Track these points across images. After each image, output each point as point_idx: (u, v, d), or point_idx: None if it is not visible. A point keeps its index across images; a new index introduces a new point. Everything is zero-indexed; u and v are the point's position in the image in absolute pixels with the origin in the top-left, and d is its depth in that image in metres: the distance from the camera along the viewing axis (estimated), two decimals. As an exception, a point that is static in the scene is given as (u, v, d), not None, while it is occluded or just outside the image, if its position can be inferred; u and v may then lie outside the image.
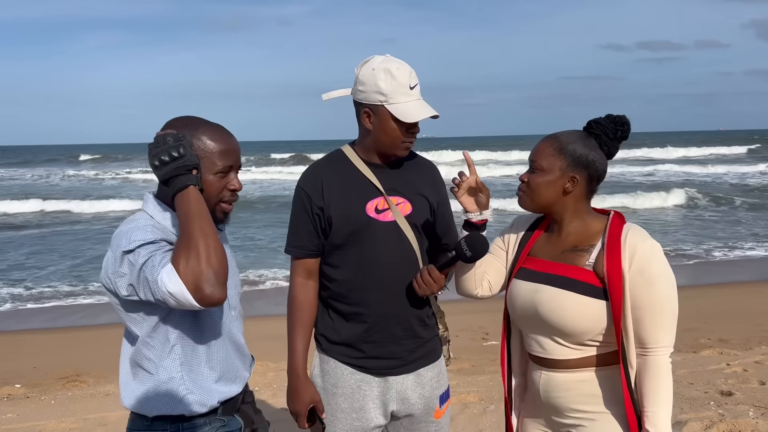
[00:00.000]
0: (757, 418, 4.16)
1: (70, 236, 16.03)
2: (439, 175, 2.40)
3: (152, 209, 1.85)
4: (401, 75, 2.11)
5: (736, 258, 11.46)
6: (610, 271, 1.87)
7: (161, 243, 1.72)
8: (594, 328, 1.90)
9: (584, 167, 1.96)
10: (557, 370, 1.98)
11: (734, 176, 29.10)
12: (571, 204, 1.99)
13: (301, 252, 2.25)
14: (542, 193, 1.98)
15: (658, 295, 1.86)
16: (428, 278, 2.12)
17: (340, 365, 2.26)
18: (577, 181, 1.96)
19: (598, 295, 1.89)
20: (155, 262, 1.65)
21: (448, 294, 2.29)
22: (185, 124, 1.82)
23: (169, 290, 1.61)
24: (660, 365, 1.86)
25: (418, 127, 2.18)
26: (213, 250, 1.64)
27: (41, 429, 4.70)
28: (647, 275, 1.85)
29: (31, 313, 8.93)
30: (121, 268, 1.70)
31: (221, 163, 1.82)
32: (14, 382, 6.09)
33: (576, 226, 2.00)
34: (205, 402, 1.84)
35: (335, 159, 2.29)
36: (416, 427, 2.30)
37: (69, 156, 61.48)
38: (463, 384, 5.23)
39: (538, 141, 2.06)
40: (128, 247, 1.69)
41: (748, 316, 7.47)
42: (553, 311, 1.92)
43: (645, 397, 1.87)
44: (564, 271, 1.96)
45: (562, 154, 1.96)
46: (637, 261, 1.86)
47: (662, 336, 1.87)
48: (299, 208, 2.25)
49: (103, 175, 37.69)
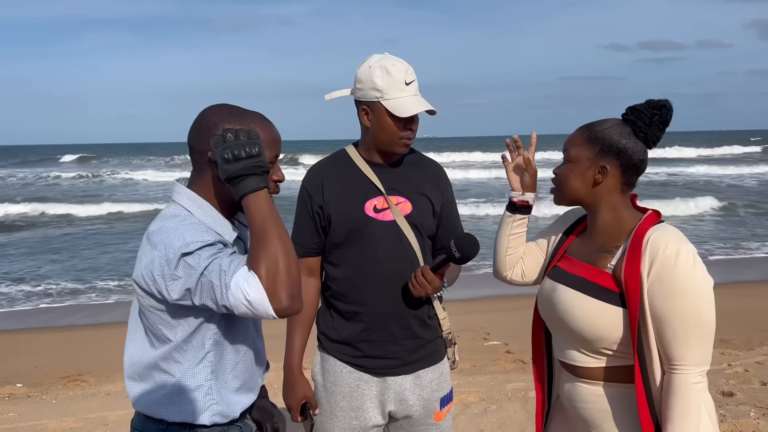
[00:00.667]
0: (758, 419, 4.16)
1: (69, 235, 16.06)
2: (445, 175, 2.39)
3: (188, 202, 1.72)
4: (396, 71, 2.13)
5: (738, 258, 11.47)
6: (627, 276, 1.71)
7: (219, 245, 1.63)
8: (609, 335, 1.76)
9: (615, 155, 1.80)
10: (579, 379, 1.87)
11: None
12: (603, 197, 1.84)
13: (302, 250, 2.27)
14: (571, 185, 1.86)
15: (682, 307, 1.66)
16: (422, 279, 2.13)
17: (339, 364, 2.27)
18: (608, 171, 1.81)
19: (613, 300, 1.75)
20: (223, 267, 1.56)
21: (449, 294, 2.29)
22: (228, 112, 1.72)
23: (249, 297, 1.52)
24: (684, 385, 1.67)
25: (416, 123, 2.18)
26: (293, 259, 1.57)
27: (42, 428, 4.71)
28: (668, 284, 1.66)
29: (33, 312, 8.93)
30: (176, 271, 1.58)
31: (270, 153, 1.73)
32: (15, 382, 6.10)
33: (607, 224, 1.84)
34: (228, 414, 1.78)
35: (338, 158, 2.31)
36: (415, 429, 2.29)
37: (70, 154, 61.41)
38: (463, 384, 5.23)
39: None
40: (187, 249, 1.58)
41: (749, 317, 7.46)
42: (567, 313, 1.82)
43: (666, 419, 1.68)
44: (584, 272, 1.84)
45: (591, 142, 1.83)
46: (657, 267, 1.67)
47: (687, 353, 1.67)
48: (301, 207, 2.28)
49: (99, 175, 37.54)
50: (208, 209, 1.72)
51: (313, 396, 2.28)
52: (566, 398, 1.94)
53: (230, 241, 1.71)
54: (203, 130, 1.69)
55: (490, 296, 8.42)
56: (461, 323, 6.95)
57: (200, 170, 1.73)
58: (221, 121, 1.69)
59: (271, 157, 1.73)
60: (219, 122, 1.69)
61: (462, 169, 33.07)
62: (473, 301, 8.21)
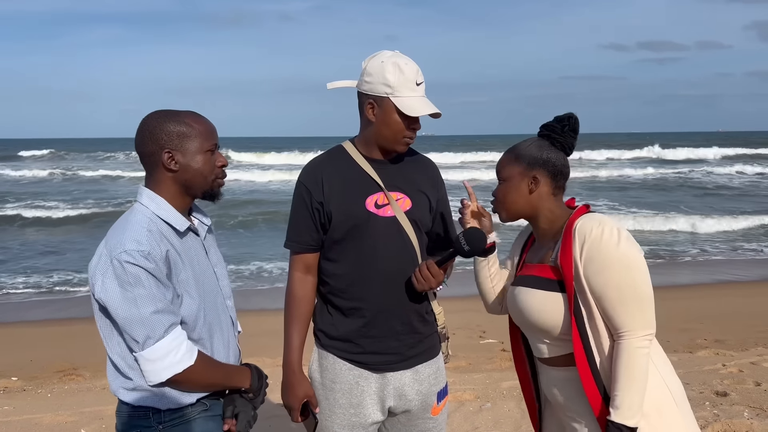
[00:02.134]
0: (752, 419, 4.17)
1: (63, 229, 16.03)
2: (439, 173, 2.41)
3: (146, 200, 1.95)
4: (409, 70, 2.14)
5: (733, 258, 11.50)
6: (562, 262, 1.90)
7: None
8: (558, 321, 1.92)
9: (541, 165, 2.03)
10: (553, 368, 2.03)
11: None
12: (540, 204, 2.04)
13: (300, 246, 2.26)
14: (511, 200, 2.05)
15: (614, 280, 1.81)
16: (427, 273, 2.14)
17: (338, 361, 2.27)
18: (539, 180, 2.03)
19: (553, 288, 1.93)
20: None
21: (446, 291, 2.30)
22: (164, 115, 1.94)
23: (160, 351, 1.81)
24: (628, 349, 1.81)
25: (419, 124, 2.19)
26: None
27: (38, 422, 4.70)
28: (598, 261, 1.83)
29: (29, 305, 8.92)
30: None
31: (208, 142, 1.96)
32: (11, 375, 6.09)
33: (547, 226, 2.05)
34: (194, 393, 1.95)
35: (335, 154, 2.30)
36: (413, 423, 2.30)
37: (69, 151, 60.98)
38: (459, 382, 5.24)
39: None
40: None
41: (744, 317, 7.49)
42: (525, 310, 1.98)
43: (613, 381, 1.82)
44: (533, 270, 2.03)
45: (518, 160, 2.05)
46: (587, 248, 1.85)
47: (628, 319, 1.81)
48: (299, 203, 2.26)
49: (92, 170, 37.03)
50: (162, 203, 1.94)
51: (314, 395, 2.27)
52: (547, 389, 2.08)
53: (181, 230, 1.95)
54: (145, 135, 1.93)
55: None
56: (457, 321, 6.95)
57: (151, 171, 1.96)
58: (159, 124, 1.92)
59: (210, 146, 1.96)
60: (158, 125, 1.92)
61: (459, 171, 31.71)
62: (469, 299, 8.21)
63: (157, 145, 1.91)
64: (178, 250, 1.92)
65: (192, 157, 1.93)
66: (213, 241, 2.15)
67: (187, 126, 1.93)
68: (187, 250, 1.97)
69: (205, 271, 2.02)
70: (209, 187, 1.99)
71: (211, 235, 2.15)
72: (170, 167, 1.93)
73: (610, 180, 28.38)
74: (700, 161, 39.10)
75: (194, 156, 1.94)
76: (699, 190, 24.31)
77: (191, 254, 1.98)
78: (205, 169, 1.96)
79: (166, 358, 1.80)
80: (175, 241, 1.93)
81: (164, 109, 1.99)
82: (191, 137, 1.93)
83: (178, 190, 1.96)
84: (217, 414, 2.00)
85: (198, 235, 2.05)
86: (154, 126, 1.92)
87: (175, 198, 1.96)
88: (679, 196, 22.33)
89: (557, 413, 2.08)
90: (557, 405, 2.05)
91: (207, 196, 2.01)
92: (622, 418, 1.79)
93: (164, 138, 1.91)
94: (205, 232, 2.09)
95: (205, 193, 2.00)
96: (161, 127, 1.92)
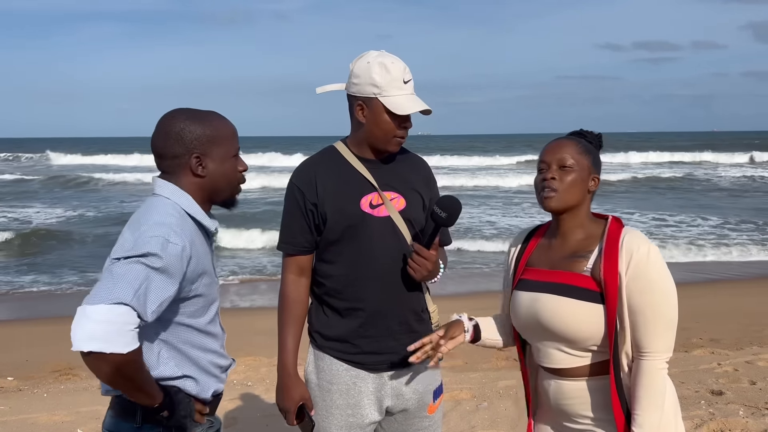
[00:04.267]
0: (747, 418, 4.19)
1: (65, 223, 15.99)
2: (431, 172, 2.42)
3: (171, 194, 1.84)
4: (395, 69, 2.14)
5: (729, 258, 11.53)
6: (607, 275, 1.86)
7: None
8: (595, 333, 1.89)
9: (599, 168, 1.99)
10: (566, 378, 1.98)
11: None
12: (585, 206, 1.98)
13: (293, 249, 2.25)
14: (573, 192, 1.94)
15: (654, 301, 1.85)
16: (419, 258, 2.14)
17: (335, 362, 2.26)
18: (597, 183, 1.99)
19: (595, 299, 1.89)
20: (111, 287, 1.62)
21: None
22: (190, 116, 1.84)
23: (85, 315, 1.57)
24: (652, 370, 1.86)
25: (410, 122, 2.19)
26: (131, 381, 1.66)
27: (33, 422, 4.70)
28: (644, 281, 1.85)
29: (24, 305, 8.90)
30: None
31: (234, 147, 1.90)
32: (7, 375, 6.08)
33: (580, 231, 1.98)
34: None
35: (328, 155, 2.29)
36: (410, 422, 2.31)
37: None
38: (455, 381, 5.24)
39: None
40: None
41: (739, 316, 7.51)
42: (554, 319, 1.92)
43: (635, 400, 1.87)
44: (563, 278, 1.95)
45: (587, 153, 1.97)
46: (633, 266, 1.85)
47: (655, 341, 1.86)
48: (292, 205, 2.25)
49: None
50: (191, 201, 1.84)
51: (310, 398, 2.26)
52: (551, 398, 2.03)
53: (211, 230, 1.90)
54: (173, 136, 1.81)
55: (482, 293, 8.44)
56: (453, 320, 6.96)
57: (175, 174, 1.85)
58: (186, 125, 1.81)
59: (234, 151, 1.89)
60: (185, 126, 1.81)
61: (456, 175, 29.61)
62: (465, 298, 8.24)
63: (184, 148, 1.81)
64: (202, 249, 1.85)
65: (221, 163, 1.85)
66: (213, 249, 2.11)
67: (215, 129, 1.84)
68: (207, 253, 1.90)
69: (214, 276, 1.97)
70: (231, 194, 1.92)
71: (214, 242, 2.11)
72: (198, 172, 1.83)
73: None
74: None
75: (223, 162, 1.85)
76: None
77: (208, 259, 1.91)
78: (231, 175, 1.89)
79: (104, 328, 1.55)
80: (199, 240, 1.85)
81: (187, 107, 1.88)
82: (219, 141, 1.85)
83: (203, 196, 1.87)
84: (217, 428, 1.96)
85: (213, 240, 2.00)
86: (181, 127, 1.81)
87: (200, 204, 1.87)
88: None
89: (555, 417, 2.06)
90: (560, 412, 2.03)
91: (227, 203, 1.94)
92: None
93: (193, 141, 1.81)
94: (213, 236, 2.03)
95: (227, 200, 1.94)
96: (189, 129, 1.81)
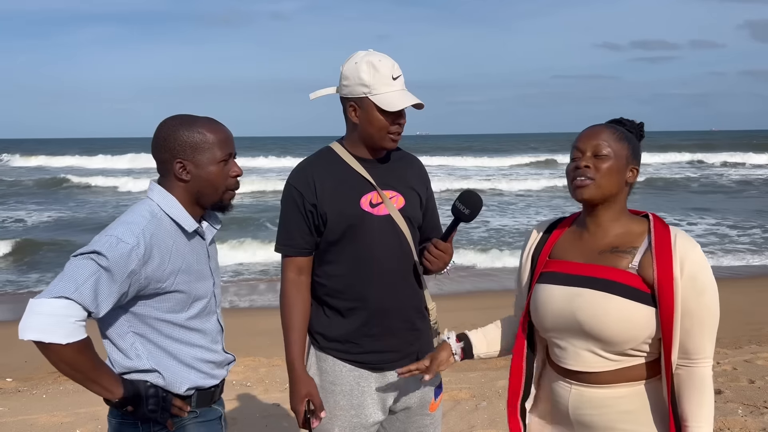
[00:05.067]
0: (745, 416, 4.19)
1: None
2: (425, 171, 2.43)
3: (158, 197, 1.93)
4: (383, 66, 2.14)
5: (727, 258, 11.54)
6: (660, 276, 1.74)
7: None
8: (638, 336, 1.76)
9: (638, 159, 1.86)
10: (591, 385, 1.83)
11: None
12: (622, 198, 1.85)
13: (292, 250, 2.25)
14: (611, 180, 1.80)
15: (708, 304, 1.76)
16: (437, 251, 2.16)
17: (338, 362, 2.26)
18: (636, 174, 1.85)
19: (645, 300, 1.75)
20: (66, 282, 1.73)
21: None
22: (179, 122, 1.92)
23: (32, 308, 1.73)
24: (705, 377, 1.76)
25: (404, 118, 2.19)
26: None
27: (33, 423, 4.70)
28: (699, 283, 1.75)
29: (24, 306, 8.89)
30: None
31: (222, 152, 1.94)
32: (5, 376, 6.08)
33: (617, 225, 1.85)
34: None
35: (325, 155, 2.29)
36: (412, 420, 2.31)
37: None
38: (454, 381, 5.25)
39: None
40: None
41: (737, 315, 7.51)
42: (596, 317, 1.77)
43: (689, 411, 1.75)
44: (604, 273, 1.80)
45: (625, 141, 1.83)
46: (688, 268, 1.74)
47: (708, 346, 1.77)
48: (290, 206, 2.24)
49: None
50: (173, 201, 1.93)
51: (318, 394, 2.22)
52: (570, 407, 1.88)
53: (189, 231, 1.94)
54: (160, 142, 1.92)
55: (481, 292, 8.44)
56: (452, 320, 6.96)
57: (164, 177, 1.95)
58: (173, 132, 1.91)
59: (224, 156, 1.94)
60: (172, 132, 1.91)
61: (453, 177, 28.85)
62: (464, 297, 8.23)
63: (169, 154, 1.90)
64: (176, 248, 1.91)
65: (204, 168, 1.91)
66: (215, 249, 2.14)
67: (201, 135, 1.91)
68: (189, 252, 1.95)
69: (203, 275, 2.00)
70: (219, 198, 1.97)
71: (215, 244, 2.14)
72: (182, 177, 1.92)
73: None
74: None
75: (206, 167, 1.91)
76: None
77: (190, 258, 1.95)
78: (216, 181, 1.94)
79: (43, 320, 1.70)
80: (179, 239, 1.93)
81: (181, 114, 1.97)
82: (204, 148, 1.91)
83: (189, 199, 1.95)
84: (209, 419, 2.01)
85: (204, 239, 2.03)
86: (168, 133, 1.91)
87: (186, 206, 1.94)
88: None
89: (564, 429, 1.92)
90: (582, 425, 1.87)
91: (216, 207, 2.00)
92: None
93: (177, 147, 1.89)
94: (212, 236, 2.08)
95: (214, 204, 1.98)
96: (174, 136, 1.90)
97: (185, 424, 1.95)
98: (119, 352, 1.89)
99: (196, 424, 1.97)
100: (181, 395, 1.94)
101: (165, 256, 1.86)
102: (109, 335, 1.90)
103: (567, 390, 1.88)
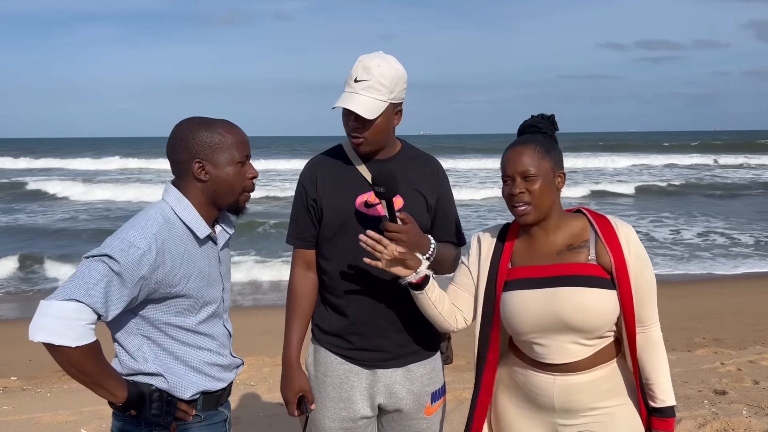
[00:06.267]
0: (750, 417, 4.18)
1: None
2: (442, 170, 2.39)
3: (172, 199, 1.93)
4: (354, 68, 2.17)
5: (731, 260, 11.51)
6: (617, 261, 1.95)
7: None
8: (611, 318, 1.97)
9: (562, 164, 2.04)
10: (574, 373, 1.98)
11: None
12: (557, 202, 2.02)
13: (300, 242, 2.31)
14: (546, 198, 1.96)
15: (650, 276, 2.02)
16: (390, 233, 2.04)
17: (330, 355, 2.29)
18: (563, 178, 2.03)
19: (608, 285, 1.96)
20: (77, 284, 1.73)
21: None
22: (197, 123, 1.93)
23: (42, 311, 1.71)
24: (658, 338, 2.02)
25: (359, 121, 2.14)
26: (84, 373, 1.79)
27: (37, 421, 4.71)
28: (642, 260, 1.99)
29: (28, 305, 8.91)
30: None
31: (240, 154, 1.94)
32: (10, 375, 6.10)
33: (562, 226, 2.02)
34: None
35: (333, 153, 2.34)
36: (406, 423, 2.31)
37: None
38: (458, 380, 5.24)
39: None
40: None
41: (742, 316, 7.51)
42: (578, 311, 1.93)
43: (651, 370, 2.01)
44: (570, 270, 1.97)
45: (546, 156, 1.98)
46: (633, 249, 1.98)
47: (654, 311, 2.03)
48: (297, 200, 2.32)
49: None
50: (187, 206, 1.92)
51: (310, 390, 2.29)
52: (554, 398, 2.00)
53: (201, 237, 1.93)
54: (177, 142, 1.91)
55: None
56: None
57: (181, 178, 1.94)
58: (192, 132, 1.90)
59: (242, 158, 1.94)
60: (190, 133, 1.90)
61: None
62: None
63: (188, 154, 1.90)
64: (188, 253, 1.90)
65: (222, 169, 1.92)
66: (227, 254, 2.13)
67: (220, 136, 1.91)
68: (200, 257, 1.94)
69: (213, 280, 2.00)
70: (235, 199, 1.97)
71: (227, 248, 2.13)
72: (200, 177, 1.91)
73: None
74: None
75: (225, 167, 1.92)
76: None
77: (201, 263, 1.95)
78: (234, 182, 1.94)
79: (53, 322, 1.69)
80: (191, 244, 1.92)
81: (197, 116, 1.97)
82: (223, 148, 1.91)
83: (205, 200, 1.94)
84: (213, 423, 2.01)
85: (216, 244, 2.03)
86: (186, 134, 1.91)
87: (201, 207, 1.94)
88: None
89: (554, 420, 2.03)
90: (565, 411, 2.00)
91: (231, 209, 2.00)
92: (672, 401, 2.02)
93: (196, 147, 1.90)
94: (225, 241, 2.07)
95: (230, 206, 1.99)
96: (193, 136, 1.90)
97: (189, 427, 1.95)
98: (126, 354, 1.90)
99: (200, 427, 1.98)
100: (186, 400, 1.94)
101: (176, 261, 1.86)
102: (118, 336, 1.91)
103: (550, 382, 2.01)
